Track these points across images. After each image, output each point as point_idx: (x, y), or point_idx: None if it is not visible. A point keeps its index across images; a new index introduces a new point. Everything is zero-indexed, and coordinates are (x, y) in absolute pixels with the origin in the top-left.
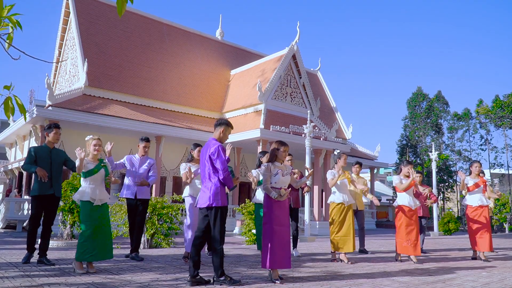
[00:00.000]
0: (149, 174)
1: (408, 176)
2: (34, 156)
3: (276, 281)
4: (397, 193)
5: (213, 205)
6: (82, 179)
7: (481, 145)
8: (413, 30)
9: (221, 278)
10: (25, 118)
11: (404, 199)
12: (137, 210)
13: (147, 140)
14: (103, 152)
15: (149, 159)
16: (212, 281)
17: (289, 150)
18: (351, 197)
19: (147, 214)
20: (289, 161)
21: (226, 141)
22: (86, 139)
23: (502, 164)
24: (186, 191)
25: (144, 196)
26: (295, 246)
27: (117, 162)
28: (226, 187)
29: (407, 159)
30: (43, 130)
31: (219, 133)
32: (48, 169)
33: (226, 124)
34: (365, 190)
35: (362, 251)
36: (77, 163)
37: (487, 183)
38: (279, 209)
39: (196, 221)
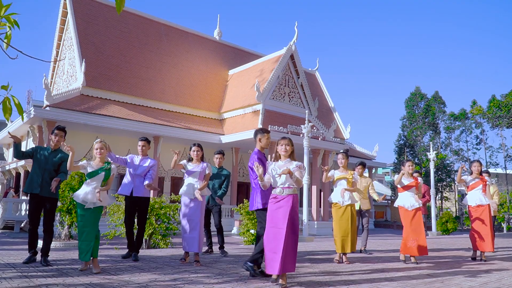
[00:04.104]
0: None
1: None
2: (32, 151)
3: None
4: (398, 193)
5: (252, 208)
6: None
7: (477, 144)
8: (411, 30)
9: (250, 264)
10: (22, 118)
11: (400, 200)
12: (135, 208)
13: (141, 139)
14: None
15: (150, 160)
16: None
17: None
18: (352, 198)
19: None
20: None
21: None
22: (94, 142)
23: (498, 164)
24: (183, 190)
25: (141, 194)
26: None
27: (120, 156)
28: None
29: (406, 158)
30: (48, 130)
31: (257, 142)
32: (40, 168)
33: (259, 132)
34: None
35: (362, 251)
36: (68, 162)
37: (487, 183)
38: (270, 210)
39: (188, 220)
